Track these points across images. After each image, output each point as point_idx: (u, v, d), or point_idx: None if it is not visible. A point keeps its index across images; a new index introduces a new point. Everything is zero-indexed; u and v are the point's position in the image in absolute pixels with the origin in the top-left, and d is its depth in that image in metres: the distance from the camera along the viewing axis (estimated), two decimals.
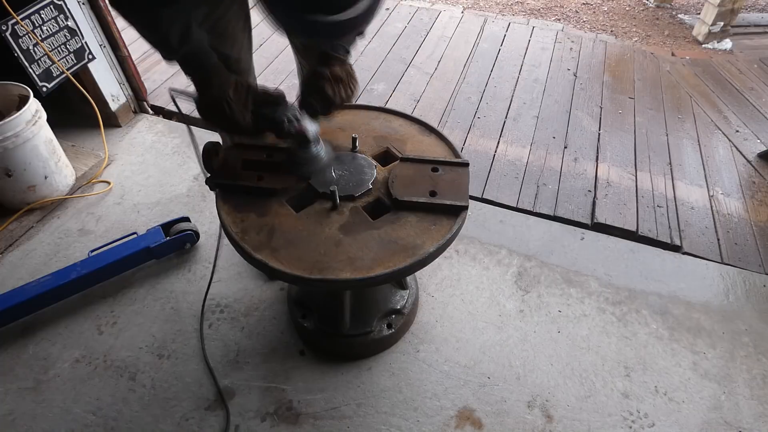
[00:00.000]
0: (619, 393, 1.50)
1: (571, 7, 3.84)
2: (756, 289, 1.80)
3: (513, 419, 1.44)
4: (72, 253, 1.87)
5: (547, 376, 1.53)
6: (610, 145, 2.44)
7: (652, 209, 2.12)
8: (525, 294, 1.75)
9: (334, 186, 1.17)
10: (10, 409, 1.45)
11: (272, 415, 1.44)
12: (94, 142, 2.32)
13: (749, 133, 2.56)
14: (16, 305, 1.58)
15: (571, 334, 1.64)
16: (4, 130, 1.75)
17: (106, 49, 2.26)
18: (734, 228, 2.05)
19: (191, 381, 1.51)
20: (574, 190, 2.19)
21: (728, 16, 3.24)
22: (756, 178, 2.31)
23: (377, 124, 1.43)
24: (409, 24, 3.37)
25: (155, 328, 1.65)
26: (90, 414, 1.44)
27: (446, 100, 2.71)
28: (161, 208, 2.05)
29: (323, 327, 1.51)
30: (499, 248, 1.90)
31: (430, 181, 1.22)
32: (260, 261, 1.07)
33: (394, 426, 1.42)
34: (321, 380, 1.51)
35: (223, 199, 1.21)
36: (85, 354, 1.58)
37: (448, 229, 1.13)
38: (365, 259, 1.08)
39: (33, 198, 1.99)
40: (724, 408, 1.47)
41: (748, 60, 3.16)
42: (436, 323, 1.65)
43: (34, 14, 1.89)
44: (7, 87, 1.93)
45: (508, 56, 3.08)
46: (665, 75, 2.97)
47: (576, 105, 2.69)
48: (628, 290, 1.77)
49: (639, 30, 3.55)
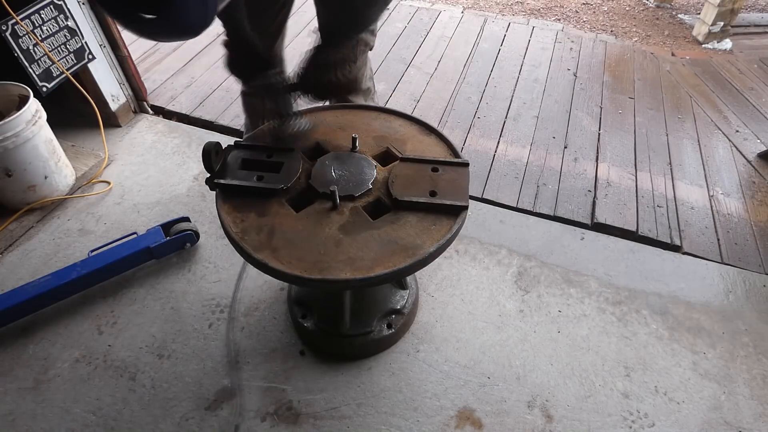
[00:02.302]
0: (619, 393, 1.50)
1: (571, 7, 3.84)
2: (756, 289, 1.80)
3: (513, 419, 1.44)
4: (72, 253, 1.87)
5: (547, 376, 1.53)
6: (610, 145, 2.44)
7: (652, 209, 2.12)
8: (525, 294, 1.75)
9: (334, 186, 1.17)
10: (10, 409, 1.45)
11: (272, 415, 1.44)
12: (94, 142, 2.32)
13: (749, 133, 2.56)
14: (16, 305, 1.58)
15: (571, 334, 1.64)
16: (4, 130, 1.75)
17: (106, 49, 2.26)
18: (734, 228, 2.05)
19: (191, 381, 1.51)
20: (574, 190, 2.19)
21: (728, 16, 3.24)
22: (756, 178, 2.31)
23: (377, 124, 1.43)
24: (409, 24, 3.37)
25: (155, 328, 1.65)
26: (90, 414, 1.44)
27: (446, 100, 2.71)
28: (161, 208, 2.05)
29: (323, 327, 1.51)
30: (499, 248, 1.90)
31: (430, 181, 1.22)
32: (260, 261, 1.07)
33: (394, 426, 1.42)
34: (321, 380, 1.51)
35: (223, 199, 1.21)
36: (85, 354, 1.58)
37: (448, 229, 1.13)
38: (365, 259, 1.08)
39: (33, 198, 1.99)
40: (724, 408, 1.47)
41: (748, 60, 3.16)
42: (436, 323, 1.65)
43: (34, 14, 1.89)
44: (7, 87, 1.93)
45: (508, 56, 3.08)
46: (665, 75, 2.97)
47: (576, 105, 2.69)
48: (628, 290, 1.77)
49: (639, 30, 3.55)
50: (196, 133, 2.43)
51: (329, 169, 1.26)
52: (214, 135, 2.43)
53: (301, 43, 3.14)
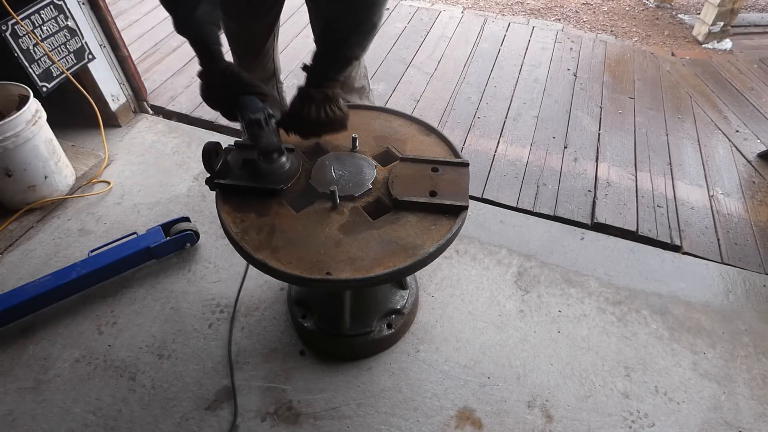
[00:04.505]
0: (619, 393, 1.50)
1: (571, 7, 3.84)
2: (756, 289, 1.80)
3: (513, 419, 1.44)
4: (72, 253, 1.87)
5: (547, 376, 1.53)
6: (610, 145, 2.44)
7: (652, 209, 2.12)
8: (525, 294, 1.75)
9: (334, 186, 1.17)
10: (10, 409, 1.45)
11: (272, 415, 1.44)
12: (94, 142, 2.32)
13: (749, 133, 2.56)
14: (16, 305, 1.58)
15: (571, 334, 1.64)
16: (4, 130, 1.75)
17: (106, 49, 2.26)
18: (734, 228, 2.05)
19: (191, 381, 1.51)
20: (574, 190, 2.19)
21: (728, 16, 3.24)
22: (756, 178, 2.31)
23: (377, 124, 1.43)
24: (409, 24, 3.37)
25: (155, 328, 1.65)
26: (90, 414, 1.44)
27: (446, 100, 2.71)
28: (161, 208, 2.05)
29: (323, 327, 1.51)
30: (499, 248, 1.90)
31: (430, 181, 1.22)
32: (260, 261, 1.07)
33: (394, 426, 1.42)
34: (321, 380, 1.51)
35: (223, 199, 1.21)
36: (85, 354, 1.58)
37: (448, 229, 1.13)
38: (365, 259, 1.08)
39: (33, 198, 1.99)
40: (724, 408, 1.47)
41: (748, 60, 3.16)
42: (436, 323, 1.65)
43: (34, 14, 1.89)
44: (7, 87, 1.93)
45: (508, 56, 3.08)
46: (665, 75, 2.97)
47: (576, 105, 2.69)
48: (628, 290, 1.77)
49: (639, 30, 3.55)
50: (196, 133, 2.43)
51: (329, 169, 1.26)
52: (214, 135, 2.43)
53: (302, 43, 3.14)
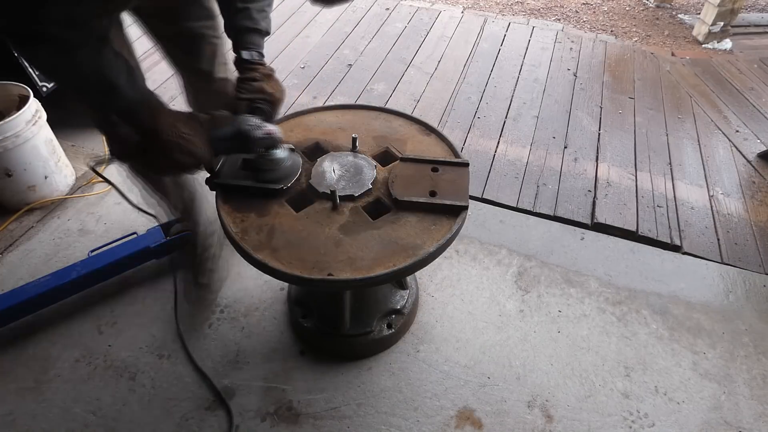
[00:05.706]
0: (619, 393, 1.50)
1: (571, 7, 3.84)
2: (756, 289, 1.80)
3: (513, 419, 1.44)
4: (72, 253, 1.87)
5: (547, 376, 1.53)
6: (610, 145, 2.44)
7: (652, 209, 2.12)
8: (525, 294, 1.75)
9: (334, 186, 1.17)
10: (10, 409, 1.45)
11: (272, 415, 1.43)
12: (94, 142, 2.32)
13: (749, 133, 2.56)
14: (16, 305, 1.57)
15: (571, 334, 1.64)
16: (4, 130, 1.75)
17: None
18: (734, 228, 2.05)
19: (191, 381, 1.51)
20: (574, 190, 2.19)
21: (728, 16, 3.24)
22: (756, 178, 2.31)
23: (377, 124, 1.43)
24: (409, 24, 3.37)
25: (155, 328, 1.64)
26: (90, 414, 1.44)
27: (446, 100, 2.71)
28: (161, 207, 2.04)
29: (323, 327, 1.51)
30: (499, 248, 1.90)
31: (430, 181, 1.22)
32: (260, 261, 1.07)
33: (394, 426, 1.42)
34: (321, 380, 1.51)
35: (223, 199, 1.21)
36: (85, 354, 1.58)
37: (448, 229, 1.13)
38: (365, 259, 1.08)
39: (33, 198, 1.99)
40: (724, 408, 1.47)
41: (748, 60, 3.16)
42: (436, 323, 1.65)
43: None
44: (7, 87, 1.93)
45: (508, 56, 3.08)
46: (665, 75, 2.97)
47: (576, 105, 2.69)
48: (628, 290, 1.77)
49: (639, 30, 3.55)
50: None
51: (329, 169, 1.26)
52: None
53: (302, 43, 3.14)
